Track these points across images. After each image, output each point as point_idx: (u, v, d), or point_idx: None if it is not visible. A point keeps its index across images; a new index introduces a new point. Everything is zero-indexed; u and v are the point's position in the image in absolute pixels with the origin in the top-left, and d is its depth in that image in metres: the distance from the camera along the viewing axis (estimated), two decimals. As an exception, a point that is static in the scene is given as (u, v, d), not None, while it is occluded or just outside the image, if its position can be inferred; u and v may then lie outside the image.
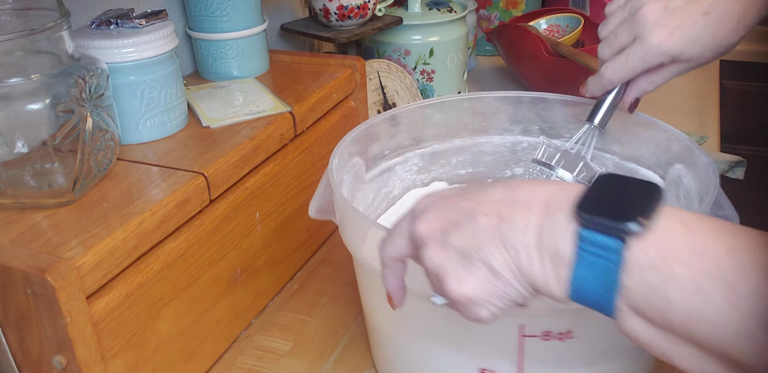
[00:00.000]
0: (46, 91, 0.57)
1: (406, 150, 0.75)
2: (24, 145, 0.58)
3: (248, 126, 0.74)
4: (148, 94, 0.70)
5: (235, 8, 0.85)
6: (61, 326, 0.51)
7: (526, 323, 0.54)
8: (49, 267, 0.49)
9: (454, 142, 0.77)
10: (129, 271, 0.58)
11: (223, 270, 0.69)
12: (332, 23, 1.03)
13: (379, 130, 0.71)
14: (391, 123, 0.72)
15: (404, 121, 0.73)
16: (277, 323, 0.76)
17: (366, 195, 0.72)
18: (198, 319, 0.66)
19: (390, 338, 0.63)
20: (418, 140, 0.75)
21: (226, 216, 0.68)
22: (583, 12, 1.28)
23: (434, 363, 0.60)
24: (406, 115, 0.73)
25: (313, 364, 0.70)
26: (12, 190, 0.58)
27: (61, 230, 0.56)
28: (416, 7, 1.12)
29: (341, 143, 0.65)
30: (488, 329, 0.47)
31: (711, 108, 1.20)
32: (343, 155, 0.65)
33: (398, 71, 1.06)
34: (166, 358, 0.63)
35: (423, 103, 0.73)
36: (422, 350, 0.60)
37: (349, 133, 0.67)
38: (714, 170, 0.58)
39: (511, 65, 1.24)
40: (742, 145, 1.56)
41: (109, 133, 0.63)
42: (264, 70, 0.91)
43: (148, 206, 0.59)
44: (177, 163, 0.67)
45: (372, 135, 0.71)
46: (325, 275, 0.83)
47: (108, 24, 0.70)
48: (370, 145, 0.71)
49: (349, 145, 0.66)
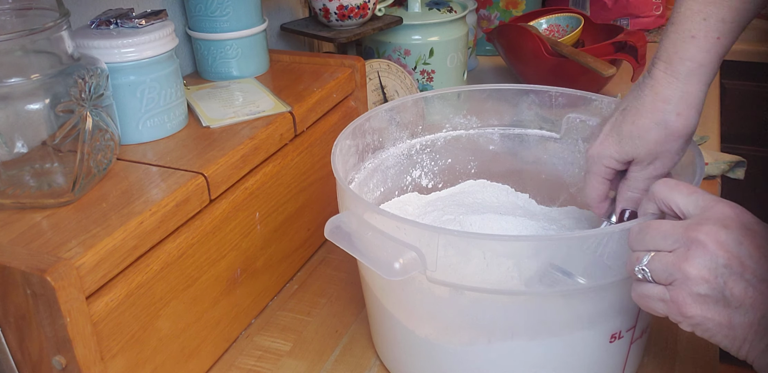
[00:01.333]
0: (46, 91, 0.57)
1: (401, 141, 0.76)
2: (24, 145, 0.58)
3: (248, 126, 0.74)
4: (148, 94, 0.70)
5: (235, 8, 0.85)
6: (60, 326, 0.51)
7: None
8: (48, 267, 0.49)
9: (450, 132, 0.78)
10: (129, 271, 0.58)
11: (223, 270, 0.69)
12: (332, 23, 1.03)
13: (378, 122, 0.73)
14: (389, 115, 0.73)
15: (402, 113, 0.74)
16: (277, 323, 0.76)
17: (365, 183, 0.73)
18: (198, 319, 0.66)
19: (399, 327, 0.64)
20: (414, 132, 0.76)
21: (226, 216, 0.68)
22: (583, 12, 1.28)
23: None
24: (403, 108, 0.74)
25: (313, 364, 0.70)
26: (12, 190, 0.58)
27: (61, 230, 0.56)
28: (416, 7, 1.12)
29: (342, 134, 0.67)
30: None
31: (711, 108, 1.20)
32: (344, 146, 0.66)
33: (398, 71, 1.06)
34: (166, 358, 0.63)
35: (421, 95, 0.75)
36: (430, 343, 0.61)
37: (350, 124, 0.68)
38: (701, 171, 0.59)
39: (511, 65, 1.24)
40: (742, 145, 1.56)
41: (108, 133, 0.63)
42: (264, 70, 0.91)
43: (148, 206, 0.59)
44: (177, 163, 0.67)
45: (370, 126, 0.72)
46: (325, 275, 0.83)
47: (108, 24, 0.70)
48: (367, 136, 0.72)
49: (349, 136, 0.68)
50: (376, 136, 0.72)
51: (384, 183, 0.75)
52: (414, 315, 0.61)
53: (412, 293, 0.59)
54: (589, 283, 0.53)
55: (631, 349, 0.61)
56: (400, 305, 0.61)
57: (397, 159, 0.76)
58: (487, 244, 0.55)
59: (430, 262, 0.53)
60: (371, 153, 0.73)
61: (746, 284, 0.43)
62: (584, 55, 1.06)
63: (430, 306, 0.59)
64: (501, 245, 0.55)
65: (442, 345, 0.60)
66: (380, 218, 0.55)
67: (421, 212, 0.75)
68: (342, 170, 0.64)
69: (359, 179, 0.71)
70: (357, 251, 0.55)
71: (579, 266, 0.53)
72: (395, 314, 0.62)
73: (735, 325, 0.43)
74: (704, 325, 0.45)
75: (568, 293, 0.55)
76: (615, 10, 1.49)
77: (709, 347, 0.69)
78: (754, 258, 0.43)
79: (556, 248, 0.55)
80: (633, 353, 0.62)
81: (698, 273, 0.44)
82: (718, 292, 0.43)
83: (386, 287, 0.61)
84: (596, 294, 0.56)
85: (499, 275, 0.54)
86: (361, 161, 0.71)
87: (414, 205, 0.77)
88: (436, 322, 0.60)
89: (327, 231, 0.57)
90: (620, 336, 0.59)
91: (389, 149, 0.75)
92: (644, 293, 0.47)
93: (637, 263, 0.47)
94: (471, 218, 0.70)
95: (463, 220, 0.70)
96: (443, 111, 0.76)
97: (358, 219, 0.56)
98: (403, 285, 0.59)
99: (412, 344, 0.63)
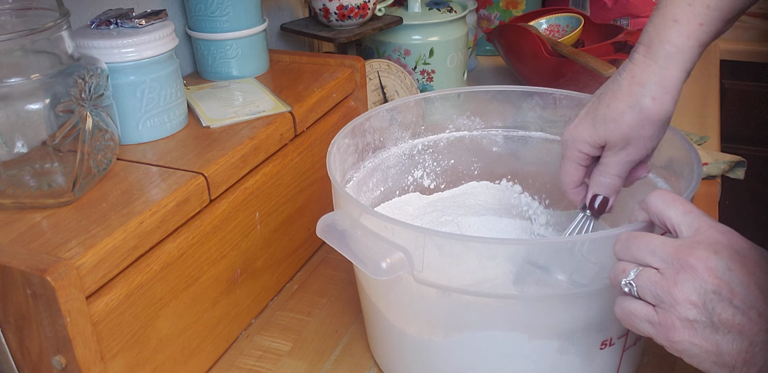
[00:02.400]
0: (46, 91, 0.57)
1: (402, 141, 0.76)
2: (24, 145, 0.58)
3: (248, 126, 0.74)
4: (148, 94, 0.70)
5: (235, 8, 0.85)
6: (60, 326, 0.51)
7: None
8: (48, 267, 0.49)
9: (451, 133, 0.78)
10: (129, 271, 0.58)
11: (223, 270, 0.69)
12: (332, 23, 1.03)
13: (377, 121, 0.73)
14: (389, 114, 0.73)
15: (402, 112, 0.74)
16: (277, 323, 0.76)
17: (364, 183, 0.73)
18: (198, 319, 0.66)
19: (392, 329, 0.64)
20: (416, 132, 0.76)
21: (226, 216, 0.68)
22: (583, 12, 1.28)
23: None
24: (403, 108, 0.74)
25: (313, 364, 0.70)
26: (12, 190, 0.58)
27: (61, 230, 0.56)
28: (416, 7, 1.12)
29: (340, 133, 0.67)
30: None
31: (711, 108, 1.20)
32: (341, 146, 0.66)
33: (398, 71, 1.06)
34: (166, 358, 0.63)
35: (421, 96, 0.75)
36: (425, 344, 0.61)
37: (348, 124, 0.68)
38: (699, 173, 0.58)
39: (511, 65, 1.24)
40: (742, 145, 1.56)
41: (108, 133, 0.63)
42: (264, 70, 0.91)
43: (148, 206, 0.59)
44: (177, 163, 0.67)
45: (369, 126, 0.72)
46: (325, 275, 0.83)
47: (108, 24, 0.70)
48: (366, 136, 0.72)
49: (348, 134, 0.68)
50: (377, 136, 0.72)
51: (384, 182, 0.75)
52: (403, 314, 0.61)
53: (401, 293, 0.59)
54: (573, 283, 0.53)
55: (623, 356, 0.60)
56: (389, 304, 0.62)
57: (398, 159, 0.76)
58: (473, 246, 0.54)
59: (417, 263, 0.53)
60: (371, 152, 0.73)
61: (735, 311, 0.43)
62: (584, 55, 1.06)
63: (418, 305, 0.59)
64: (486, 248, 0.55)
65: (430, 343, 0.60)
66: (370, 218, 0.55)
67: (421, 213, 0.75)
68: (338, 169, 0.64)
69: (358, 178, 0.71)
70: (347, 249, 0.55)
71: (566, 270, 0.53)
72: (385, 313, 0.62)
73: (723, 352, 0.43)
74: (691, 351, 0.44)
75: (556, 298, 0.55)
76: (615, 10, 1.49)
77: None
78: (743, 285, 0.43)
79: (540, 251, 0.54)
80: (626, 361, 0.61)
81: (687, 298, 0.43)
82: (706, 318, 0.43)
83: (376, 286, 0.61)
84: (585, 299, 0.55)
85: (486, 278, 0.54)
86: (361, 160, 0.71)
87: (415, 205, 0.77)
88: (425, 321, 0.60)
89: (319, 229, 0.57)
90: (611, 343, 0.58)
91: (390, 149, 0.75)
92: (631, 311, 0.47)
93: (623, 276, 0.47)
94: (470, 220, 0.70)
95: (461, 221, 0.70)
96: (446, 112, 0.76)
97: (350, 218, 0.56)
98: (392, 284, 0.59)
99: (401, 342, 0.63)
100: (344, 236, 0.55)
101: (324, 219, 0.57)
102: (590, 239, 0.53)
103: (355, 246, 0.54)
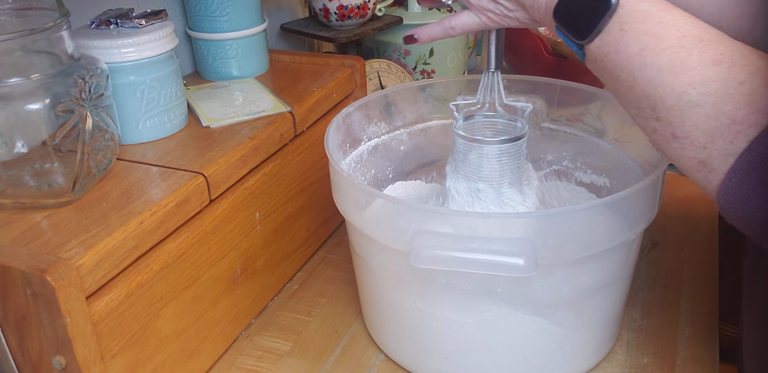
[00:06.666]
0: (46, 91, 0.57)
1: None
2: (24, 145, 0.58)
3: (248, 126, 0.74)
4: (148, 94, 0.70)
5: (235, 8, 0.85)
6: (60, 327, 0.51)
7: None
8: (48, 267, 0.49)
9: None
10: (129, 271, 0.58)
11: (223, 270, 0.69)
12: (332, 23, 1.03)
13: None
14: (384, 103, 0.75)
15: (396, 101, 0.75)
16: (277, 323, 0.76)
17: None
18: (198, 319, 0.66)
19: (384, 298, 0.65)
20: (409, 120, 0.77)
21: (226, 216, 0.68)
22: (583, 12, 1.28)
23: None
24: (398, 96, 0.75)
25: (313, 364, 0.70)
26: (12, 190, 0.58)
27: (61, 230, 0.56)
28: (416, 7, 1.12)
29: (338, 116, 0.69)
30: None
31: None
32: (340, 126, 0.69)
33: (398, 71, 1.06)
34: (166, 358, 0.63)
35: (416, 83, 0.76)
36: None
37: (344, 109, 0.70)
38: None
39: (511, 65, 1.24)
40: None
41: (108, 133, 0.63)
42: (264, 70, 0.91)
43: (148, 206, 0.59)
44: (177, 163, 0.67)
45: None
46: (325, 275, 0.83)
47: (108, 24, 0.70)
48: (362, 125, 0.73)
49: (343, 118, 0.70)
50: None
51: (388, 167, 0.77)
52: (404, 287, 0.62)
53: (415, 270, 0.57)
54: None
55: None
56: (396, 280, 0.63)
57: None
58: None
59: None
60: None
61: None
62: (584, 55, 1.06)
63: (422, 281, 0.60)
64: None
65: (429, 316, 0.61)
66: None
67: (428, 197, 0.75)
68: (335, 150, 0.65)
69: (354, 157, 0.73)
70: (469, 264, 0.52)
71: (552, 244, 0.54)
72: (387, 286, 0.63)
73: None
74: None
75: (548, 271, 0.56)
76: (615, 10, 1.49)
77: (709, 347, 0.69)
78: None
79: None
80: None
81: None
82: None
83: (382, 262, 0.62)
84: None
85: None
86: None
87: (416, 192, 0.78)
88: (424, 295, 0.61)
89: (416, 259, 0.53)
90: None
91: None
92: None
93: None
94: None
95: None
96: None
97: (442, 237, 0.53)
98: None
99: (400, 316, 0.64)
100: (454, 253, 0.53)
101: (415, 250, 0.53)
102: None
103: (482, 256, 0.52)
